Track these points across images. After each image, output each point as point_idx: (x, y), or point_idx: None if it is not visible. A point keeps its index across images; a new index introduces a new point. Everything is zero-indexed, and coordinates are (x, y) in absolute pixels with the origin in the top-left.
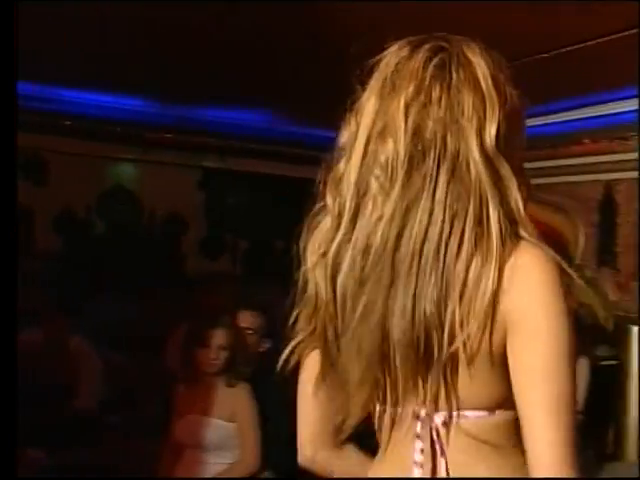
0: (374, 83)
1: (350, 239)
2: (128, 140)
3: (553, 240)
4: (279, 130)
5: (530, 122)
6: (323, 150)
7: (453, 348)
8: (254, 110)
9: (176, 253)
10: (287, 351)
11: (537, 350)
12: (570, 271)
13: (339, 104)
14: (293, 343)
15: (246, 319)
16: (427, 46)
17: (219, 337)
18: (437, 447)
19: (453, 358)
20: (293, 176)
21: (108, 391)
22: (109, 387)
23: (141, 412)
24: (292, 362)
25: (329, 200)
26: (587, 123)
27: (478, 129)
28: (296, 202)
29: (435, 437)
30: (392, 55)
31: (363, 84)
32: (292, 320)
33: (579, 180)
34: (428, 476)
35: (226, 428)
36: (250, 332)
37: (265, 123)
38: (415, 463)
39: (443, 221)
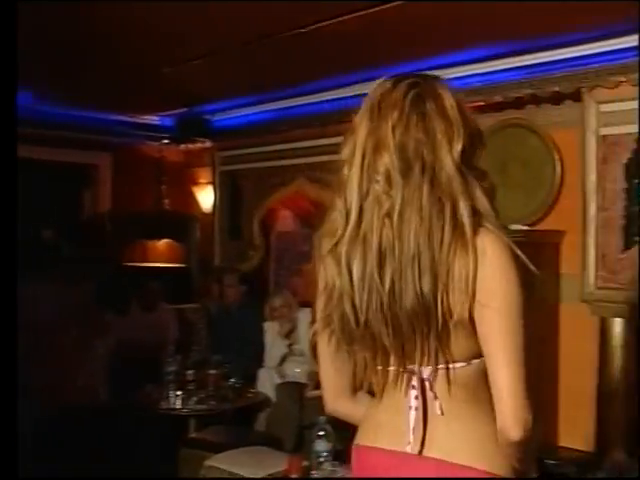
0: (364, 109)
1: (358, 233)
2: None
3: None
4: (41, 112)
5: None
6: (90, 132)
7: (449, 318)
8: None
9: None
10: (311, 333)
11: (495, 306)
12: (517, 249)
13: (105, 86)
14: (314, 327)
15: None
16: (406, 81)
17: None
18: (430, 393)
19: (444, 324)
20: (59, 160)
21: None
22: None
23: None
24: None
25: (337, 201)
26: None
27: (448, 147)
28: (63, 188)
29: (428, 386)
30: (378, 87)
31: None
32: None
33: None
34: (420, 416)
35: None
36: None
37: (26, 105)
38: (410, 407)
39: (430, 218)
